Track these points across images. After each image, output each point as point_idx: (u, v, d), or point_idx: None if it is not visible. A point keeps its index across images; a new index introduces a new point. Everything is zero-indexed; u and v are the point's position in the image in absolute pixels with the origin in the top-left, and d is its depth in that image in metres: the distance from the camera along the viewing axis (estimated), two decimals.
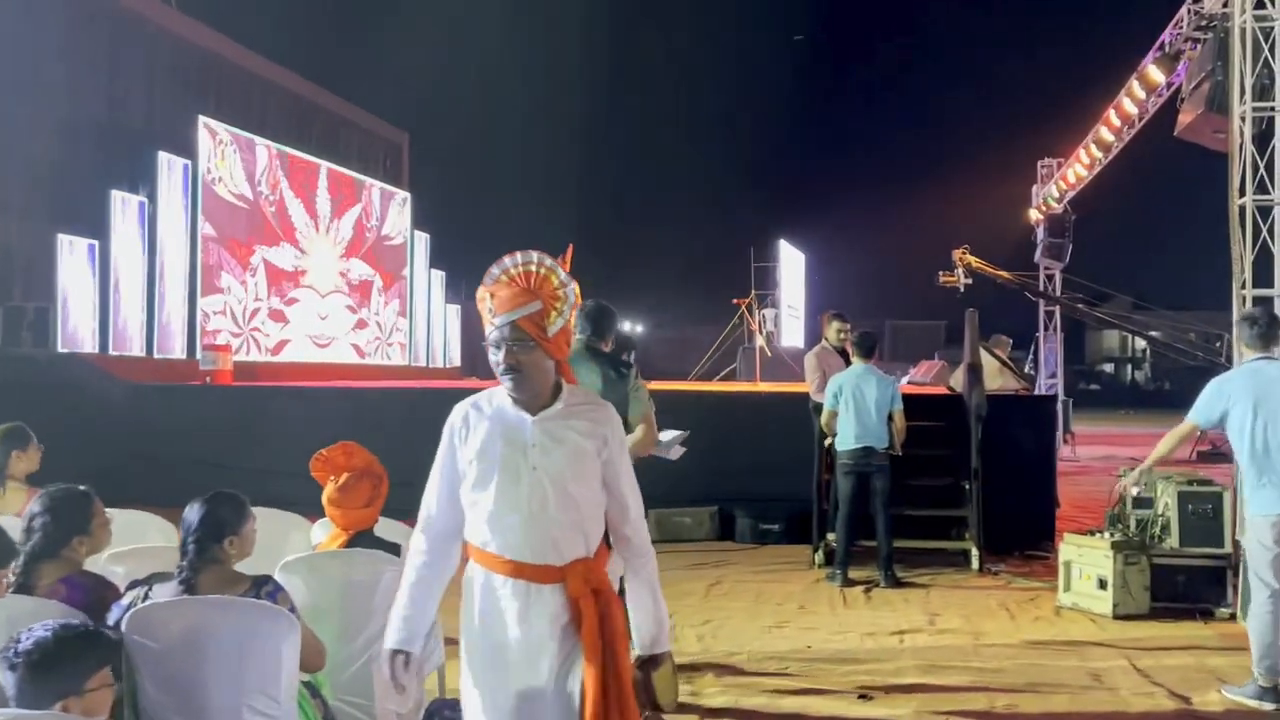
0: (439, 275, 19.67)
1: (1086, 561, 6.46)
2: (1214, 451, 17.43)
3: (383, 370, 16.97)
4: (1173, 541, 6.58)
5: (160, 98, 13.49)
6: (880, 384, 7.24)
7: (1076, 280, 19.90)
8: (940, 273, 19.82)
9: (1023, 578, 7.45)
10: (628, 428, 4.26)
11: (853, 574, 7.32)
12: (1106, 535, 6.50)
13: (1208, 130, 8.54)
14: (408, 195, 18.63)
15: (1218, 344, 21.58)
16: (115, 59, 12.81)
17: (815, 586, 7.15)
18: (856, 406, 7.18)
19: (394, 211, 18.04)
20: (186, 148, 12.43)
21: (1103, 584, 6.33)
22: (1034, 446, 8.77)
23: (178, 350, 11.85)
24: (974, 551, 7.70)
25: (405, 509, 3.17)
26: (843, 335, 7.95)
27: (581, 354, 4.35)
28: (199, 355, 10.75)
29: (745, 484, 8.73)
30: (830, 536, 7.61)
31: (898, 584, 7.16)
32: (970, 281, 19.36)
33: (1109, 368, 61.95)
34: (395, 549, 3.50)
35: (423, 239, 18.93)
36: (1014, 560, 8.07)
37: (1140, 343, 56.13)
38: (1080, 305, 20.20)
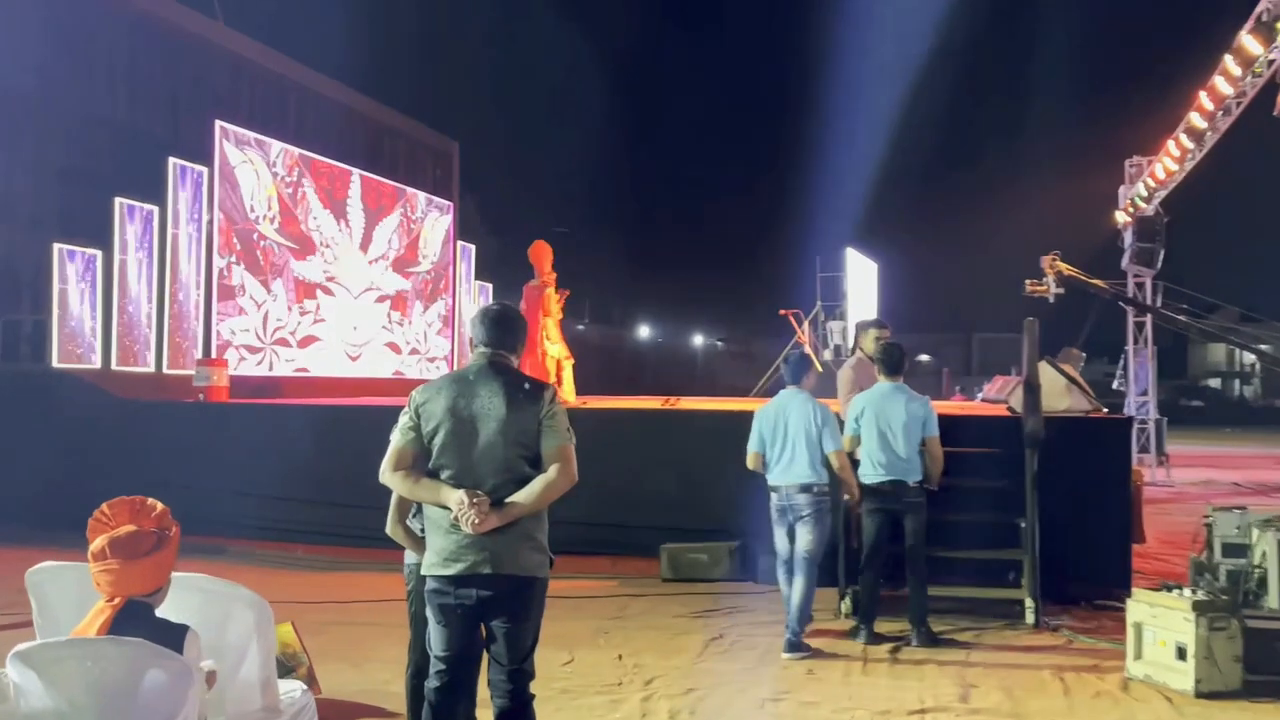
0: (485, 287, 19.05)
1: (1162, 625, 5.29)
2: None
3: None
4: (1271, 601, 5.41)
5: (185, 105, 13.13)
6: (910, 405, 6.17)
7: (1176, 289, 18.20)
8: (1028, 281, 18.03)
9: (1087, 635, 6.29)
10: (540, 465, 3.36)
11: (886, 626, 6.27)
12: (1187, 592, 5.32)
13: None
14: (450, 204, 18.04)
15: None
16: (134, 64, 12.48)
17: (834, 644, 6.10)
18: (881, 432, 6.12)
19: (437, 221, 17.48)
20: (207, 155, 12.01)
21: (1182, 653, 5.15)
22: (1105, 476, 7.55)
23: (192, 366, 11.34)
24: (1029, 602, 6.55)
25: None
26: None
27: (483, 370, 3.46)
28: (194, 370, 10.21)
29: (768, 518, 7.66)
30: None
31: (933, 642, 6.07)
32: (1061, 290, 17.60)
33: (1214, 383, 58.50)
34: (178, 636, 2.65)
35: (468, 250, 18.34)
36: (1079, 611, 6.90)
37: (1249, 356, 52.81)
38: (1182, 316, 18.36)
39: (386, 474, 3.42)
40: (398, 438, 3.44)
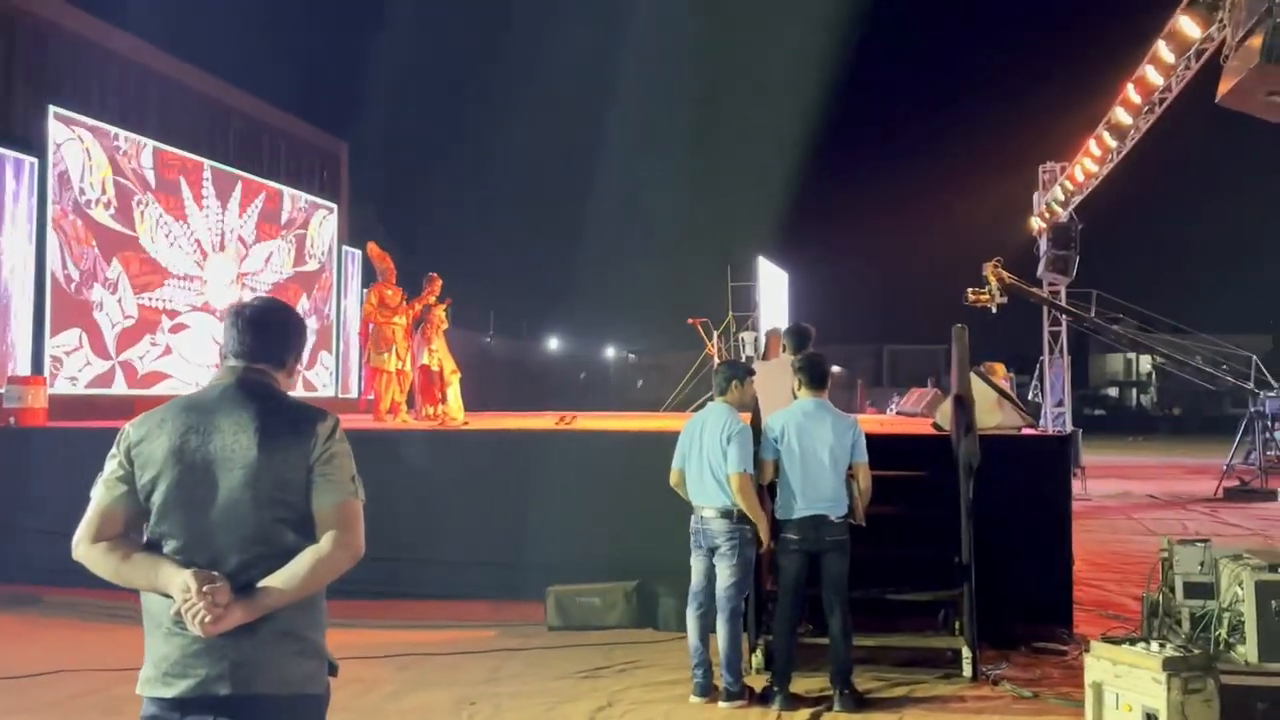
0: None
1: (1126, 685, 4.46)
2: (1243, 488, 15.46)
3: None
4: (1248, 652, 4.63)
5: (18, 90, 11.60)
6: (837, 427, 5.28)
7: (1111, 298, 17.85)
8: (970, 290, 17.28)
9: (1032, 688, 5.46)
10: (310, 530, 2.31)
11: (804, 684, 5.36)
12: (1155, 646, 4.51)
13: (1261, 91, 6.66)
14: (334, 206, 16.70)
15: (1224, 366, 19.58)
16: None
17: (744, 712, 5.14)
18: (804, 458, 5.21)
19: (320, 225, 16.15)
20: (39, 145, 10.58)
21: None
22: (1041, 501, 6.80)
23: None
24: (965, 651, 5.70)
25: None
26: None
27: (228, 393, 2.40)
28: (3, 390, 8.78)
29: (670, 553, 6.57)
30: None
31: (859, 704, 5.16)
32: (1005, 300, 16.81)
33: (1113, 392, 59.98)
34: None
35: (354, 256, 17.03)
36: (1019, 657, 6.08)
37: (1145, 366, 54.22)
38: (1116, 326, 17.98)
39: (81, 546, 2.32)
40: (100, 494, 2.36)
